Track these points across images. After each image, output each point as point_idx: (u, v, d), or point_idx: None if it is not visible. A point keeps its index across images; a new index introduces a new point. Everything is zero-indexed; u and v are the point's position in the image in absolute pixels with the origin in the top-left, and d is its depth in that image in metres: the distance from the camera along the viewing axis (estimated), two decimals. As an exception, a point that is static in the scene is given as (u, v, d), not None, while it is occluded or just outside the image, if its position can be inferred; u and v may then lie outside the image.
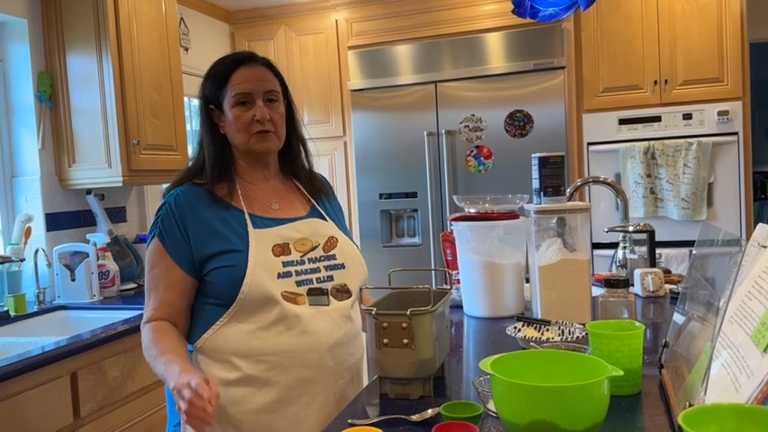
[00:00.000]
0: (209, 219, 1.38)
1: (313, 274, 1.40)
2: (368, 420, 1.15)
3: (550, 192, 1.80)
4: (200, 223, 1.38)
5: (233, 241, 1.36)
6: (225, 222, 1.39)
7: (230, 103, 1.41)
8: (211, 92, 1.44)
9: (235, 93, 1.40)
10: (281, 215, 1.45)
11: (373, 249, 3.90)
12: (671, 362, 1.24)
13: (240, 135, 1.41)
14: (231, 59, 1.45)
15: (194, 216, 1.38)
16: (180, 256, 1.37)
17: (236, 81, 1.41)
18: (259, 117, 1.39)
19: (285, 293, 1.34)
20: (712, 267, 1.17)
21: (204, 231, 1.37)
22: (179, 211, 1.39)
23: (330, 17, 3.97)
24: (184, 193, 1.41)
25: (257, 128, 1.40)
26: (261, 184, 1.48)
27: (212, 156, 1.43)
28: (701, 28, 3.36)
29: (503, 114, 3.63)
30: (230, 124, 1.42)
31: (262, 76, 1.42)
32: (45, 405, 1.94)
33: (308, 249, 1.41)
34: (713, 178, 3.36)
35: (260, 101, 1.40)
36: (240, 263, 1.33)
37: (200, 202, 1.39)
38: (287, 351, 1.33)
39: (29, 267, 2.70)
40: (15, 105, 2.82)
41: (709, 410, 0.78)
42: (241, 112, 1.40)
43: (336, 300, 1.42)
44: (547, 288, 1.76)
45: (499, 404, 0.97)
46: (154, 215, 1.43)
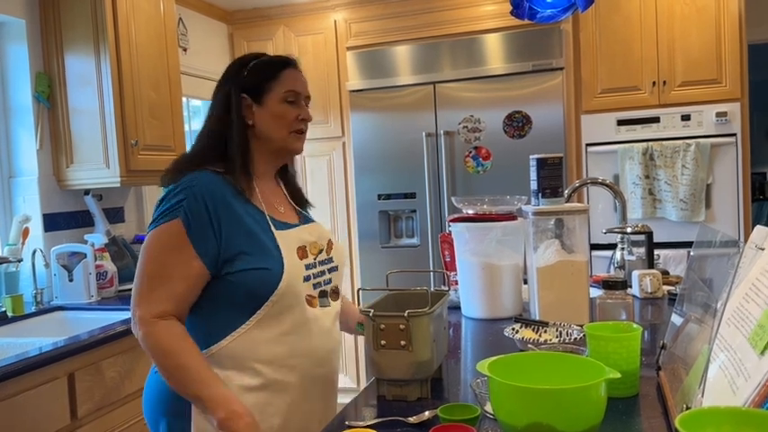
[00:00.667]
0: (239, 212, 1.31)
1: (321, 276, 1.42)
2: (365, 422, 1.15)
3: (548, 193, 1.80)
4: (231, 215, 1.29)
5: (263, 241, 1.31)
6: (253, 219, 1.33)
7: (279, 98, 1.41)
8: (254, 82, 1.40)
9: (287, 89, 1.42)
10: (287, 219, 1.44)
11: (372, 250, 3.90)
12: (669, 364, 1.24)
13: (282, 131, 1.42)
14: (281, 58, 1.48)
15: (226, 206, 1.29)
16: (204, 247, 1.26)
17: (287, 78, 1.43)
18: (305, 117, 1.45)
19: (307, 296, 1.36)
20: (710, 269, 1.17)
21: (235, 225, 1.29)
22: (211, 196, 1.28)
23: (329, 18, 3.97)
24: (209, 179, 1.31)
25: (300, 126, 1.44)
26: (267, 183, 1.46)
27: (239, 146, 1.37)
28: (700, 29, 3.36)
29: (501, 115, 3.63)
30: (272, 118, 1.40)
31: (304, 82, 1.49)
32: (42, 406, 1.93)
33: (318, 252, 1.43)
34: (711, 179, 3.36)
35: (303, 102, 1.46)
36: (274, 266, 1.29)
37: (226, 193, 1.31)
38: (306, 353, 1.34)
39: (26, 268, 2.69)
40: (13, 106, 2.82)
41: (707, 413, 0.78)
42: (288, 109, 1.42)
43: (333, 300, 1.45)
44: (545, 289, 1.76)
45: (496, 406, 0.97)
46: (165, 197, 1.30)
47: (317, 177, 4.09)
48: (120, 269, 2.94)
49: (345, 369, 4.12)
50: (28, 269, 2.69)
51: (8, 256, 2.61)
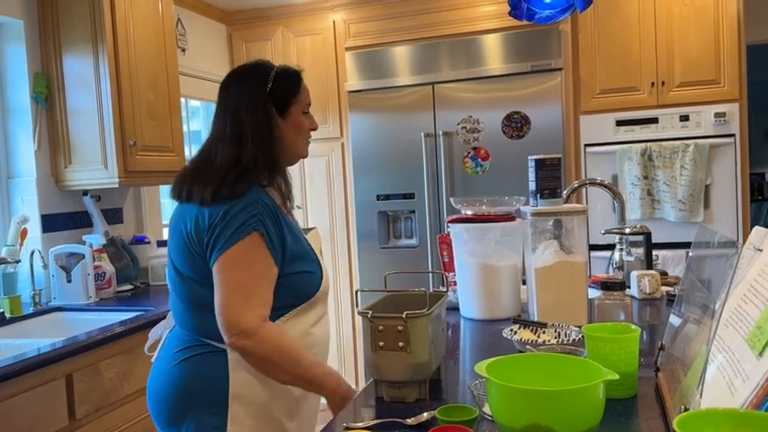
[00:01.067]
0: (288, 222, 1.47)
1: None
2: (363, 423, 1.15)
3: (547, 194, 1.80)
4: (284, 225, 1.43)
5: (306, 246, 1.49)
6: (296, 228, 1.50)
7: (302, 109, 1.53)
8: (284, 94, 1.50)
9: (307, 101, 1.55)
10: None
11: (370, 251, 3.90)
12: (667, 365, 1.24)
13: (302, 141, 1.55)
14: (297, 70, 1.57)
15: (281, 217, 1.43)
16: (278, 253, 1.40)
17: (305, 91, 1.56)
18: (315, 126, 1.57)
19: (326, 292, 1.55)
20: (708, 270, 1.17)
21: (288, 233, 1.44)
22: (275, 210, 1.42)
23: (328, 18, 3.97)
24: (266, 195, 1.44)
25: (310, 135, 1.58)
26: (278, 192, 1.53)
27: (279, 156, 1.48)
28: (698, 30, 3.36)
29: (500, 116, 3.63)
30: (294, 129, 1.51)
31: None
32: (40, 407, 1.93)
33: (319, 255, 1.56)
34: (710, 180, 3.36)
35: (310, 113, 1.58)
36: (316, 269, 1.48)
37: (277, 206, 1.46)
38: (323, 343, 1.53)
39: (24, 269, 2.69)
40: (11, 106, 2.81)
41: (705, 415, 0.78)
42: (306, 120, 1.55)
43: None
44: (543, 290, 1.76)
45: (494, 408, 0.97)
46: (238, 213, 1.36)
47: (315, 178, 4.08)
48: (119, 270, 2.94)
49: (344, 371, 4.11)
50: (26, 270, 2.68)
51: (6, 256, 2.61)
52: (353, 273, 4.04)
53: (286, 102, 1.50)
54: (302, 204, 4.09)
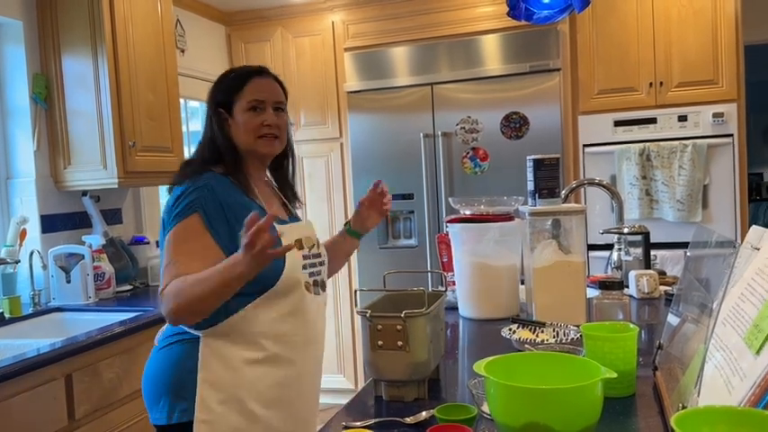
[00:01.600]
0: (245, 205, 1.48)
1: (313, 268, 1.58)
2: (362, 423, 1.15)
3: (545, 194, 1.80)
4: (240, 210, 1.44)
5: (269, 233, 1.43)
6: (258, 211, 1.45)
7: (243, 108, 1.55)
8: (224, 96, 1.58)
9: (249, 99, 1.55)
10: (279, 215, 1.59)
11: (369, 251, 3.90)
12: (665, 363, 1.24)
13: (246, 137, 1.55)
14: (248, 70, 1.61)
15: (234, 202, 1.47)
16: (223, 238, 1.42)
17: (251, 89, 1.56)
18: (270, 122, 1.55)
19: (306, 283, 1.53)
20: (706, 269, 1.17)
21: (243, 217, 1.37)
22: (222, 194, 1.46)
23: (326, 19, 3.98)
24: (216, 178, 1.49)
25: (265, 131, 1.55)
26: (261, 185, 1.62)
27: (230, 150, 1.55)
28: (696, 30, 3.37)
29: (499, 116, 3.63)
30: (238, 127, 1.55)
31: (273, 89, 1.60)
32: (40, 407, 1.93)
33: (310, 246, 1.59)
34: (708, 180, 3.37)
35: (270, 108, 1.57)
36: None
37: (232, 189, 1.50)
38: (301, 332, 1.51)
39: (24, 269, 2.69)
40: (10, 107, 2.82)
41: (702, 413, 0.78)
42: (251, 117, 1.54)
43: (323, 291, 1.63)
44: (542, 290, 1.76)
45: (493, 406, 0.97)
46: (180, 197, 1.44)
47: (314, 178, 4.09)
48: (118, 270, 2.94)
49: (343, 370, 4.12)
50: (25, 270, 2.69)
51: (6, 257, 2.61)
52: (352, 273, 4.05)
53: (229, 103, 1.57)
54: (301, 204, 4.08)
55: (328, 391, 4.09)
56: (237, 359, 1.44)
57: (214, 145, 1.57)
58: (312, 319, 1.55)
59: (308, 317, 1.53)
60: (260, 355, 1.46)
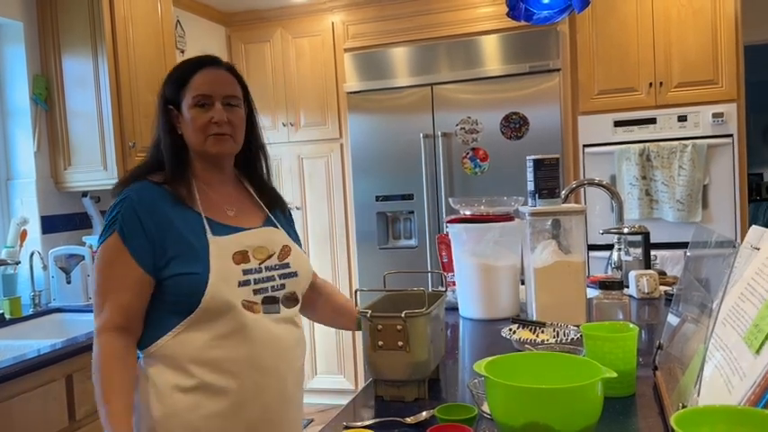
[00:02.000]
0: (171, 219, 1.33)
1: (268, 282, 1.39)
2: (363, 422, 1.15)
3: (545, 194, 1.80)
4: (163, 222, 1.32)
5: (194, 246, 1.32)
6: (187, 225, 1.34)
7: (189, 104, 1.39)
8: (171, 92, 1.42)
9: (195, 94, 1.39)
10: (237, 223, 1.42)
11: (369, 251, 3.90)
12: (665, 363, 1.25)
13: (195, 136, 1.39)
14: (194, 62, 1.44)
15: (158, 214, 1.33)
16: (141, 255, 1.30)
17: (196, 83, 1.40)
18: (217, 119, 1.38)
19: (244, 302, 1.33)
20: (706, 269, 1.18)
21: (167, 231, 1.32)
22: (142, 207, 1.32)
23: (326, 19, 3.98)
24: (145, 188, 1.36)
25: (214, 130, 1.39)
26: (217, 188, 1.45)
27: (171, 154, 1.41)
28: (696, 30, 3.37)
29: (498, 116, 3.63)
30: (187, 125, 1.40)
31: (222, 80, 1.42)
32: (40, 408, 1.93)
33: (265, 258, 1.40)
34: (708, 180, 3.37)
35: (218, 104, 1.39)
36: (202, 270, 1.30)
37: (162, 201, 1.35)
38: (244, 359, 1.32)
39: (24, 270, 2.69)
40: (11, 108, 2.82)
41: (702, 412, 0.79)
42: (198, 114, 1.39)
43: (285, 307, 1.40)
44: (542, 290, 1.76)
45: (493, 406, 0.97)
46: (108, 211, 1.35)
47: (314, 179, 4.09)
48: (118, 271, 2.94)
49: (343, 370, 4.12)
50: (26, 271, 2.69)
51: (6, 258, 2.61)
52: (353, 273, 4.05)
53: (177, 99, 1.41)
54: (301, 205, 4.09)
55: (328, 392, 4.10)
56: (167, 385, 1.31)
57: (158, 148, 1.43)
58: (264, 341, 1.34)
59: (254, 340, 1.33)
60: (189, 383, 1.30)
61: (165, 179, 1.38)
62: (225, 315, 1.31)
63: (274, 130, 4.08)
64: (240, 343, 1.32)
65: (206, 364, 1.31)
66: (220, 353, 1.31)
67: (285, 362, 1.38)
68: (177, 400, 1.30)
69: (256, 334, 1.33)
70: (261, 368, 1.34)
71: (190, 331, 1.31)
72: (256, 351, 1.33)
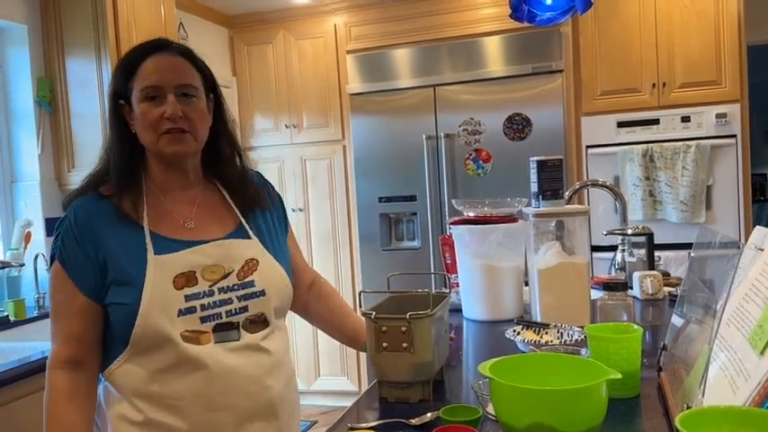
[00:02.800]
0: (109, 240, 1.19)
1: (222, 306, 1.20)
2: (367, 424, 1.15)
3: (549, 195, 1.80)
4: (101, 245, 1.19)
5: (128, 271, 1.17)
6: (124, 246, 1.19)
7: (138, 98, 1.20)
8: (119, 84, 1.23)
9: (143, 86, 1.20)
10: (194, 236, 1.24)
11: (372, 253, 3.91)
12: (669, 364, 1.24)
13: (148, 134, 1.21)
14: (143, 47, 1.24)
15: (96, 235, 1.19)
16: (82, 281, 1.18)
17: (144, 72, 1.21)
18: (168, 114, 1.19)
19: (186, 333, 1.17)
20: (710, 270, 1.17)
21: (106, 255, 1.19)
22: (79, 229, 1.19)
23: (329, 21, 3.98)
24: (86, 206, 1.22)
25: (167, 126, 1.19)
26: (176, 196, 1.27)
27: (118, 159, 1.24)
28: (699, 31, 3.37)
29: (501, 117, 3.63)
30: (138, 121, 1.21)
31: (175, 67, 1.23)
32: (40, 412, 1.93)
33: (219, 278, 1.21)
34: (712, 181, 3.37)
35: (171, 95, 1.20)
36: (133, 301, 1.15)
37: (103, 219, 1.20)
38: (190, 395, 1.17)
39: (28, 272, 2.70)
40: (15, 110, 2.83)
41: (707, 413, 0.78)
42: (149, 108, 1.19)
43: (248, 332, 1.23)
44: (546, 291, 1.76)
45: (498, 407, 0.97)
46: (55, 230, 1.24)
47: (317, 180, 4.09)
48: (122, 273, 2.94)
49: (347, 372, 4.12)
50: (30, 273, 2.69)
51: (10, 260, 2.62)
52: (355, 275, 4.05)
53: (125, 91, 1.22)
54: (304, 207, 4.10)
55: (332, 393, 4.10)
56: (114, 416, 1.20)
57: (107, 153, 1.27)
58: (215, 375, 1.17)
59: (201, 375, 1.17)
60: (138, 418, 1.18)
61: (111, 191, 1.24)
62: (162, 348, 1.16)
63: (277, 132, 4.09)
64: (182, 377, 1.17)
65: (149, 399, 1.18)
66: (161, 388, 1.17)
67: (246, 396, 1.20)
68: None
69: (204, 367, 1.17)
70: (211, 405, 1.18)
71: (131, 363, 1.19)
72: (205, 386, 1.17)
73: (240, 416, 1.20)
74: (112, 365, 1.21)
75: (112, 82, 1.26)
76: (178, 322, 1.17)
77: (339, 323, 1.54)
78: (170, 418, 1.18)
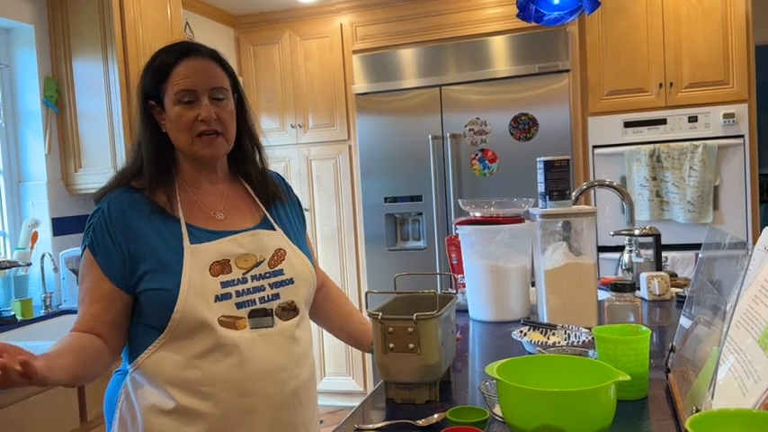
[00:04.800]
0: (144, 231, 1.24)
1: (256, 293, 1.26)
2: (374, 425, 1.15)
3: (556, 195, 1.80)
4: (134, 235, 1.23)
5: (166, 259, 1.22)
6: (161, 236, 1.25)
7: (172, 101, 1.26)
8: (151, 86, 1.29)
9: (177, 89, 1.25)
10: (225, 227, 1.30)
11: (378, 253, 3.90)
12: (678, 366, 1.24)
13: (182, 136, 1.27)
14: (174, 50, 1.29)
15: (129, 227, 1.24)
16: (110, 269, 1.23)
17: (178, 76, 1.26)
18: (204, 117, 1.25)
19: (223, 318, 1.22)
20: (719, 271, 1.17)
21: (139, 245, 1.23)
22: (112, 220, 1.24)
23: (335, 21, 3.98)
24: (119, 199, 1.27)
25: (201, 128, 1.26)
26: (206, 190, 1.33)
27: (151, 156, 1.29)
28: (707, 31, 3.35)
29: (507, 118, 3.63)
30: (171, 124, 1.27)
31: (208, 71, 1.28)
32: (52, 410, 1.94)
33: (252, 266, 1.28)
34: (719, 181, 3.35)
35: (205, 98, 1.26)
36: (172, 286, 1.20)
37: (137, 211, 1.26)
38: (224, 381, 1.21)
39: (35, 272, 2.71)
40: (22, 111, 2.84)
41: (717, 416, 0.78)
42: (184, 111, 1.25)
43: (282, 320, 1.28)
44: (552, 292, 1.75)
45: (505, 409, 0.97)
46: (87, 221, 1.29)
47: (323, 180, 4.09)
48: (128, 273, 2.95)
49: (352, 372, 4.12)
50: (37, 273, 2.70)
51: (17, 260, 2.63)
52: (361, 275, 4.05)
53: (159, 93, 1.28)
54: (310, 207, 4.10)
55: (337, 394, 4.10)
56: (145, 406, 1.23)
57: (139, 149, 1.32)
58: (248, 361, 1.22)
59: (236, 360, 1.21)
60: (168, 406, 1.21)
61: (144, 185, 1.29)
62: (199, 333, 1.20)
63: (283, 132, 4.09)
64: (216, 363, 1.21)
65: (182, 386, 1.21)
66: (196, 374, 1.21)
67: (277, 384, 1.25)
68: (155, 424, 1.22)
69: (239, 354, 1.22)
70: (244, 391, 1.22)
71: (166, 350, 1.22)
72: (238, 372, 1.21)
73: (270, 403, 1.25)
74: (143, 354, 1.24)
75: (142, 83, 1.31)
76: (215, 307, 1.22)
77: (346, 324, 1.57)
78: (202, 405, 1.21)
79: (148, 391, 1.24)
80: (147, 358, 1.23)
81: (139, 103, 1.31)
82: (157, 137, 1.31)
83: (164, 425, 1.22)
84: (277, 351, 1.26)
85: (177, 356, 1.21)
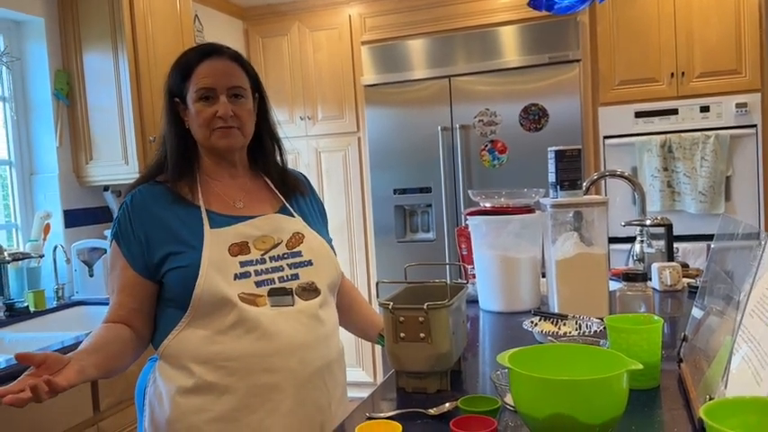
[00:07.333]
0: (166, 219, 1.32)
1: (275, 273, 1.32)
2: (385, 414, 1.16)
3: (567, 185, 1.79)
4: (155, 224, 1.31)
5: (188, 240, 1.29)
6: (182, 222, 1.32)
7: (193, 98, 1.35)
8: (176, 84, 1.38)
9: (198, 87, 1.34)
10: (244, 213, 1.37)
11: (387, 245, 3.91)
12: (690, 356, 1.23)
13: (201, 131, 1.35)
14: (197, 52, 1.40)
15: (150, 217, 1.32)
16: (133, 258, 1.31)
17: (199, 75, 1.35)
18: (221, 113, 1.33)
19: (243, 295, 1.27)
20: (732, 261, 1.16)
21: (160, 232, 1.31)
22: (135, 212, 1.33)
23: (343, 12, 3.97)
24: (142, 191, 1.36)
25: (219, 124, 1.34)
26: (226, 182, 1.41)
27: (174, 151, 1.38)
28: (719, 19, 3.32)
29: (517, 108, 3.61)
30: (193, 119, 1.36)
31: (227, 71, 1.37)
32: (65, 400, 1.96)
33: (270, 247, 1.34)
34: (731, 171, 3.32)
35: (223, 96, 1.34)
36: (193, 263, 1.26)
37: (159, 202, 1.34)
38: (247, 356, 1.25)
39: (48, 263, 2.73)
40: (33, 103, 2.85)
41: (732, 403, 0.78)
42: (203, 108, 1.34)
43: (302, 299, 1.32)
44: (563, 282, 1.75)
45: (517, 398, 0.97)
46: (114, 219, 1.38)
47: (332, 173, 4.10)
48: (140, 264, 2.97)
49: (362, 363, 4.13)
50: (49, 265, 2.72)
51: (30, 252, 2.65)
52: (370, 266, 4.05)
53: (181, 91, 1.37)
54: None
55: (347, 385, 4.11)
56: (171, 388, 1.28)
57: (164, 145, 1.41)
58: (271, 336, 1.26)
59: (258, 335, 1.26)
60: (191, 383, 1.26)
61: (167, 177, 1.37)
62: (222, 309, 1.26)
63: (292, 124, 4.09)
64: (240, 338, 1.25)
65: (206, 362, 1.25)
66: (220, 348, 1.25)
67: (301, 361, 1.28)
68: (181, 403, 1.26)
69: (261, 329, 1.26)
70: (267, 366, 1.26)
71: (190, 328, 1.28)
72: (260, 347, 1.25)
73: (293, 380, 1.28)
74: (169, 336, 1.30)
75: (168, 81, 1.41)
76: (235, 285, 1.27)
77: (355, 316, 1.62)
78: (227, 381, 1.25)
79: (174, 373, 1.29)
80: (172, 339, 1.29)
81: (165, 100, 1.40)
82: (181, 132, 1.39)
83: (190, 405, 1.26)
84: (299, 328, 1.30)
85: (201, 332, 1.27)
